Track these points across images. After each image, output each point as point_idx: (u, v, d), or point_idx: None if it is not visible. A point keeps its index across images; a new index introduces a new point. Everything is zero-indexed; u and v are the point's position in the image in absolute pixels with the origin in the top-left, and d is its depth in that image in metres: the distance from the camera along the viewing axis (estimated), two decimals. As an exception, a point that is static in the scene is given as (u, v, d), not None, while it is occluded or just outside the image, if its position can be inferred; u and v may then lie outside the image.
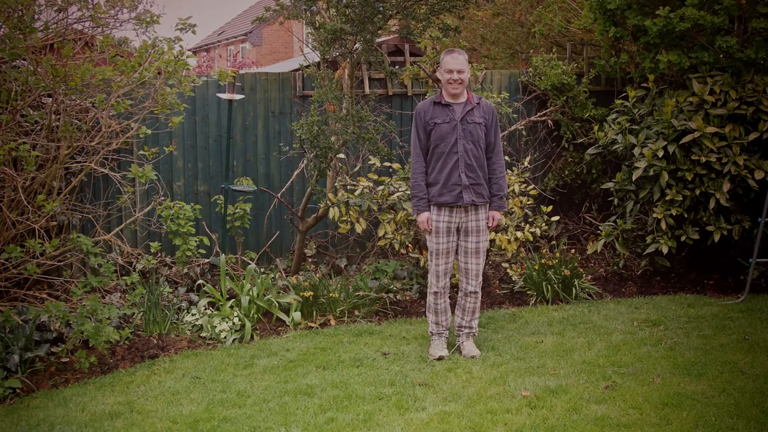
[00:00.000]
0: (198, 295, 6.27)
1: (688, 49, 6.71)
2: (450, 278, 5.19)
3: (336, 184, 6.86)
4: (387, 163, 6.92)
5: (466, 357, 5.07)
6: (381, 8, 6.25)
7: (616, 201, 7.00)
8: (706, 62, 6.55)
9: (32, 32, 5.05)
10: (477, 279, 5.14)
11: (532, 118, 7.89)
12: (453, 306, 5.64)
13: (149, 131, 6.06)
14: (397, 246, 6.53)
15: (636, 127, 6.85)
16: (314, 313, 6.10)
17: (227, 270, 6.46)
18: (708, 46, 6.54)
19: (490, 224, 5.13)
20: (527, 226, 6.79)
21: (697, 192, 6.33)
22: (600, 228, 7.21)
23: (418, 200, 5.08)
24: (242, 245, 7.22)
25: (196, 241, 6.56)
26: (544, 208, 7.06)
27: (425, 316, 6.18)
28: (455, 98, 5.05)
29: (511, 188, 6.75)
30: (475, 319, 5.25)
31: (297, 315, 5.96)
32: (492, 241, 6.35)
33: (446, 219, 5.05)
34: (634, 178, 6.47)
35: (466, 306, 5.22)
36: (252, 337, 5.72)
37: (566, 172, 7.91)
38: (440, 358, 5.03)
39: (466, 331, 5.25)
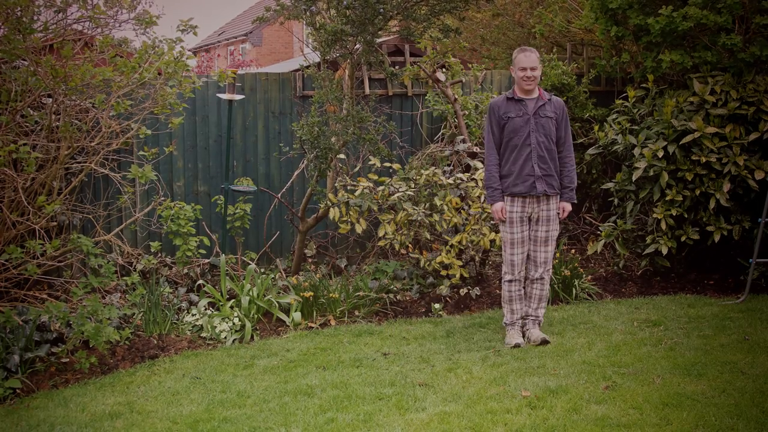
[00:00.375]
0: (198, 296, 6.27)
1: (690, 49, 6.70)
2: (524, 267, 5.38)
3: (336, 184, 6.86)
4: (387, 164, 6.92)
5: (535, 343, 5.22)
6: (381, 9, 6.26)
7: (616, 201, 7.00)
8: (708, 62, 6.55)
9: (31, 33, 5.05)
10: (545, 266, 5.36)
11: (532, 119, 7.88)
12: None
13: (149, 132, 6.07)
14: (397, 246, 6.53)
15: (636, 127, 6.85)
16: (314, 313, 6.10)
17: (227, 270, 6.47)
18: (710, 45, 6.54)
19: (561, 215, 5.34)
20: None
21: (697, 192, 6.33)
22: (600, 228, 7.21)
23: (492, 191, 5.31)
24: (242, 245, 7.22)
25: (196, 242, 6.56)
26: (544, 209, 7.05)
27: (424, 316, 6.19)
28: (528, 94, 5.28)
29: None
30: (542, 307, 5.43)
31: (297, 315, 5.97)
32: (492, 241, 6.35)
33: (519, 209, 5.26)
34: (634, 178, 6.47)
35: (533, 293, 5.41)
36: (252, 337, 5.72)
37: (566, 173, 7.90)
38: (516, 346, 5.18)
39: (532, 318, 5.42)
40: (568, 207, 5.37)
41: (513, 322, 5.40)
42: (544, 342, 5.21)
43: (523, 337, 5.37)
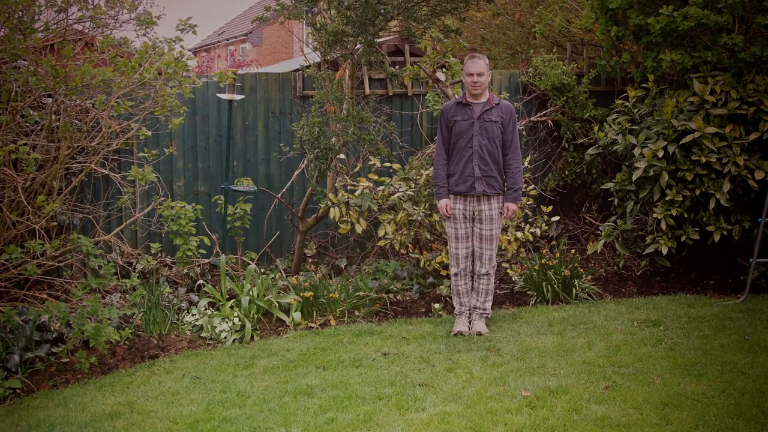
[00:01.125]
0: (198, 296, 6.27)
1: (690, 49, 6.70)
2: (469, 262, 5.70)
3: (336, 184, 6.86)
4: (387, 164, 6.92)
5: (473, 333, 5.56)
6: (382, 10, 6.25)
7: (616, 201, 7.00)
8: (708, 62, 6.55)
9: (32, 33, 5.05)
10: (490, 263, 5.67)
11: (532, 119, 7.89)
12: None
13: (149, 133, 6.07)
14: (397, 246, 6.53)
15: (636, 127, 6.85)
16: (314, 313, 6.10)
17: (227, 270, 6.47)
18: (711, 45, 6.54)
19: (504, 214, 5.63)
20: (527, 226, 6.80)
21: (697, 192, 6.33)
22: (600, 228, 7.21)
23: (438, 188, 5.67)
24: (242, 245, 7.22)
25: (196, 242, 6.56)
26: (544, 209, 7.06)
27: (424, 316, 6.20)
28: (476, 98, 5.57)
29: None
30: (488, 300, 5.76)
31: (297, 315, 5.97)
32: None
33: (461, 206, 5.60)
34: (634, 178, 6.47)
35: (480, 287, 5.74)
36: (252, 337, 5.72)
37: (566, 173, 7.91)
38: (459, 333, 5.54)
39: (479, 311, 5.74)
40: (513, 207, 5.62)
41: (461, 312, 5.75)
42: (479, 334, 5.53)
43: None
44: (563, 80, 7.72)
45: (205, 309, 6.01)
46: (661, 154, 6.35)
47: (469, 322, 5.72)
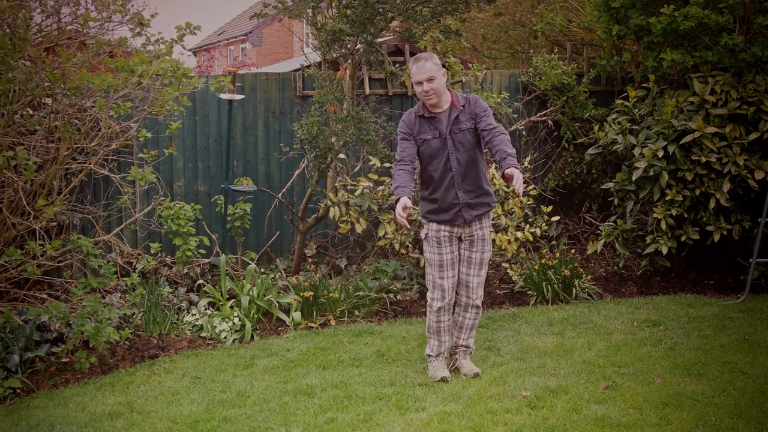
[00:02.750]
0: (198, 295, 6.27)
1: (691, 48, 6.70)
2: (454, 293, 4.71)
3: (336, 184, 6.86)
4: (387, 164, 6.92)
5: (468, 375, 4.66)
6: (381, 9, 6.25)
7: (616, 201, 7.00)
8: (709, 61, 6.55)
9: (24, 43, 5.03)
10: (478, 292, 4.73)
11: (532, 118, 7.89)
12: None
13: (149, 134, 6.06)
14: (397, 246, 6.53)
15: (636, 127, 6.85)
16: (314, 313, 6.10)
17: (227, 270, 6.47)
18: (711, 45, 6.54)
19: (513, 182, 4.22)
20: (527, 226, 6.79)
21: (697, 192, 6.32)
22: (600, 228, 7.21)
23: (396, 189, 4.41)
24: (242, 245, 7.22)
25: (196, 241, 6.56)
26: (544, 208, 7.06)
27: (424, 316, 6.18)
28: (437, 108, 4.55)
29: (510, 188, 6.75)
30: (472, 336, 4.85)
31: (297, 315, 5.97)
32: (492, 241, 6.34)
33: (447, 228, 4.63)
34: (634, 178, 6.47)
35: (465, 322, 4.77)
36: (252, 337, 5.72)
37: (566, 172, 7.91)
38: (443, 380, 4.59)
39: (463, 350, 4.82)
40: (518, 173, 4.18)
41: (440, 353, 4.74)
42: (477, 375, 4.63)
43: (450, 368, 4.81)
44: (563, 80, 7.72)
45: (205, 309, 6.01)
46: (661, 154, 6.35)
47: (451, 364, 4.84)
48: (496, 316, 6.02)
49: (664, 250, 6.45)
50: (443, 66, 7.41)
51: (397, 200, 4.33)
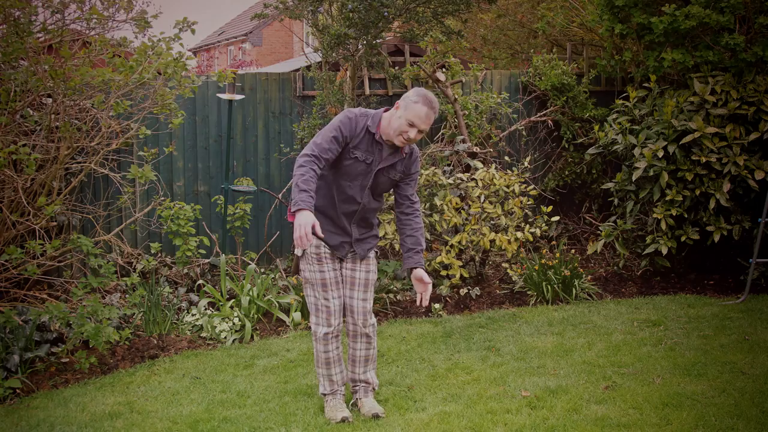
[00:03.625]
0: (198, 296, 6.27)
1: (692, 48, 6.70)
2: (341, 317, 4.17)
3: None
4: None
5: (366, 416, 4.10)
6: (386, 13, 6.24)
7: (616, 201, 7.00)
8: (710, 61, 6.55)
9: (29, 35, 5.05)
10: (368, 318, 4.19)
11: (532, 119, 7.89)
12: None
13: (149, 132, 6.07)
14: (397, 246, 6.53)
15: (636, 127, 6.85)
16: (314, 313, 6.09)
17: (227, 270, 6.46)
18: (712, 45, 6.54)
19: (422, 298, 4.16)
20: (527, 226, 6.79)
21: (697, 192, 6.32)
22: (600, 228, 7.21)
23: (302, 193, 3.66)
24: (242, 245, 7.22)
25: (196, 242, 6.56)
26: (544, 209, 7.06)
27: (424, 316, 6.19)
28: (391, 144, 4.00)
29: (511, 188, 6.76)
30: (372, 369, 4.28)
31: (297, 315, 5.96)
32: (492, 241, 6.34)
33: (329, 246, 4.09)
34: (634, 178, 6.47)
35: (356, 354, 4.23)
36: (252, 337, 5.72)
37: (566, 173, 7.91)
38: (344, 420, 4.03)
39: (363, 386, 4.26)
40: (427, 278, 4.10)
41: (334, 391, 4.19)
42: (376, 417, 4.07)
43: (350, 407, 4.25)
44: (563, 80, 7.72)
45: (205, 309, 6.01)
46: (661, 154, 6.35)
47: (352, 403, 4.28)
48: (496, 316, 6.02)
49: (664, 251, 6.45)
50: (443, 66, 7.42)
51: (299, 210, 3.60)
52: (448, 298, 6.44)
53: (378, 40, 6.55)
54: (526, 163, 7.23)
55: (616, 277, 6.95)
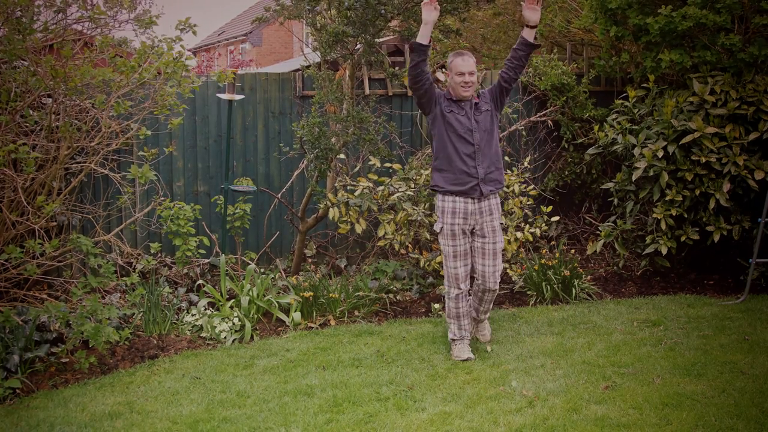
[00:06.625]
0: (198, 296, 6.27)
1: (689, 49, 6.70)
2: (469, 281, 5.12)
3: (336, 184, 6.86)
4: (387, 164, 6.92)
5: (483, 340, 5.35)
6: (383, 11, 6.24)
7: (616, 201, 7.00)
8: (707, 62, 6.54)
9: (31, 33, 5.05)
10: (497, 278, 5.17)
11: (532, 119, 7.89)
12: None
13: (149, 132, 6.07)
14: (397, 246, 6.53)
15: (636, 127, 6.85)
16: (314, 313, 6.10)
17: (227, 270, 6.46)
18: (710, 45, 6.54)
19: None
20: (527, 226, 6.80)
21: (697, 192, 6.33)
22: (600, 228, 7.21)
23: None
24: (242, 245, 7.22)
25: (196, 242, 6.56)
26: (543, 209, 7.06)
27: (424, 316, 6.19)
28: (464, 100, 5.00)
29: (510, 188, 6.76)
30: (490, 309, 5.41)
31: (297, 315, 5.97)
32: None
33: (461, 221, 4.98)
34: (634, 178, 6.47)
35: (485, 298, 5.26)
36: (252, 337, 5.72)
37: (566, 173, 7.91)
38: (468, 359, 4.99)
39: (483, 317, 5.37)
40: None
41: (462, 337, 5.15)
42: (488, 341, 5.33)
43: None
44: (563, 80, 7.72)
45: (205, 309, 6.01)
46: (661, 154, 6.35)
47: (472, 331, 5.36)
48: (495, 316, 6.02)
49: (664, 251, 6.45)
50: (443, 66, 7.43)
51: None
52: (447, 298, 6.44)
53: (377, 39, 6.54)
54: (525, 163, 7.22)
55: (615, 277, 6.95)
